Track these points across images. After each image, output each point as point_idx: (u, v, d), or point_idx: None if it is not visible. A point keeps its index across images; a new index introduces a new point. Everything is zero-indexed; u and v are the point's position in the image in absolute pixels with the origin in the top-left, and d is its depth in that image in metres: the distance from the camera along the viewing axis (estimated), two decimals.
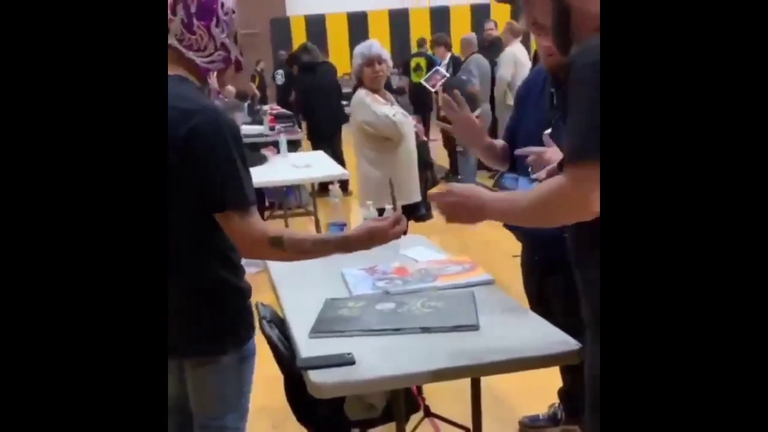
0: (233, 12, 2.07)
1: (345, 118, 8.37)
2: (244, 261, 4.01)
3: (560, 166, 1.73)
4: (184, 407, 2.26)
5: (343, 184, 7.81)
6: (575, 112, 1.63)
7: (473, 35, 9.48)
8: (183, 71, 2.03)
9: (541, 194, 1.72)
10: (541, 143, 2.30)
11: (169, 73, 1.98)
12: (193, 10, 1.98)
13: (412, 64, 11.06)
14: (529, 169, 2.27)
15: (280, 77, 13.07)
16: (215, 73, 2.10)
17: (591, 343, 1.84)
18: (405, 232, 2.19)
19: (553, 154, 2.17)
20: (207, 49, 2.03)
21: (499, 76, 8.16)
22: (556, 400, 3.25)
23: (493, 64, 8.56)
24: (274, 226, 2.11)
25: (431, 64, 10.10)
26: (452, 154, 9.08)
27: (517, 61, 8.11)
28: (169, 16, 1.98)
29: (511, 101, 8.00)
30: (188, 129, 1.90)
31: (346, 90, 10.69)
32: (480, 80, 8.46)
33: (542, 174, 2.06)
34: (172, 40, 2.00)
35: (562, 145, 2.00)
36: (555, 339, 2.14)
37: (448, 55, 9.34)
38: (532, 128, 2.58)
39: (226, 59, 2.08)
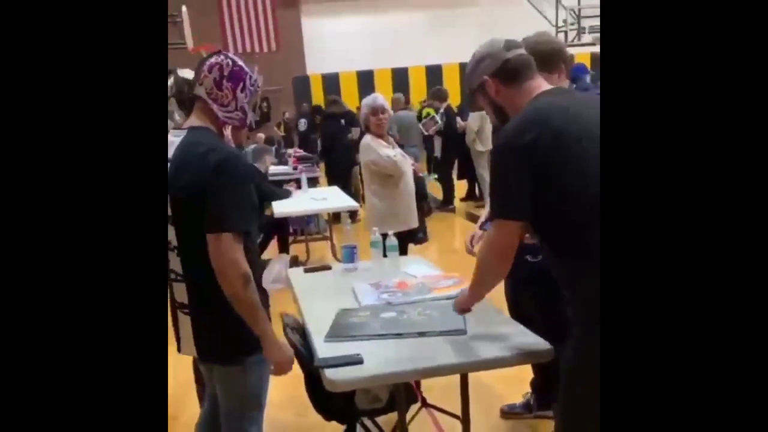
0: (258, 87, 2.13)
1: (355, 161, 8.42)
2: (272, 278, 3.97)
3: (489, 219, 1.95)
4: (215, 402, 2.27)
5: (352, 214, 7.85)
6: (491, 183, 1.85)
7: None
8: (206, 120, 2.07)
9: (484, 243, 1.93)
10: None
11: (196, 122, 2.08)
12: (225, 73, 2.04)
13: (423, 113, 11.06)
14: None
15: (302, 125, 13.10)
16: (230, 128, 2.13)
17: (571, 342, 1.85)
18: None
19: None
20: (229, 106, 2.07)
21: (468, 126, 8.29)
22: (529, 390, 3.23)
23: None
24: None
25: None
26: (445, 188, 9.08)
27: (482, 114, 8.12)
28: (205, 73, 2.04)
29: (479, 147, 8.10)
30: (211, 164, 1.93)
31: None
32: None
33: None
34: (201, 93, 2.06)
35: None
36: (530, 341, 2.14)
37: (443, 105, 9.36)
38: None
39: (242, 120, 2.12)
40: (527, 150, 1.70)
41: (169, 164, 2.00)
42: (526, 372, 2.99)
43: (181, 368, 2.59)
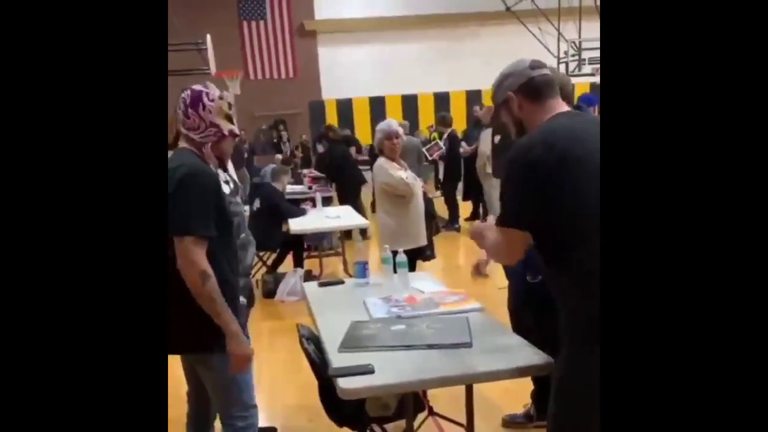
0: (220, 98, 2.25)
1: (363, 180, 8.47)
2: (287, 291, 3.96)
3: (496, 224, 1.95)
4: (199, 397, 2.35)
5: (363, 231, 7.88)
6: (501, 193, 1.88)
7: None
8: (188, 145, 2.23)
9: (494, 240, 1.97)
10: None
11: (181, 144, 2.24)
12: (187, 102, 2.21)
13: (431, 137, 11.08)
14: None
15: (321, 147, 13.15)
16: (209, 145, 2.25)
17: (561, 356, 1.87)
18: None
19: None
20: (200, 128, 2.21)
21: (480, 150, 8.15)
22: (530, 401, 3.23)
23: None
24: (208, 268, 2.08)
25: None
26: (450, 208, 9.10)
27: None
28: (177, 110, 2.22)
29: (489, 170, 8.03)
30: (175, 178, 2.06)
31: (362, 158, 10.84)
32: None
33: None
34: (182, 129, 2.23)
35: None
36: (531, 354, 2.15)
37: (448, 130, 9.39)
38: None
39: (217, 133, 2.25)
40: (531, 167, 1.74)
41: None
42: (527, 384, 2.99)
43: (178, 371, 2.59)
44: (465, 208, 9.35)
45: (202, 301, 2.06)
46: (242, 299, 2.46)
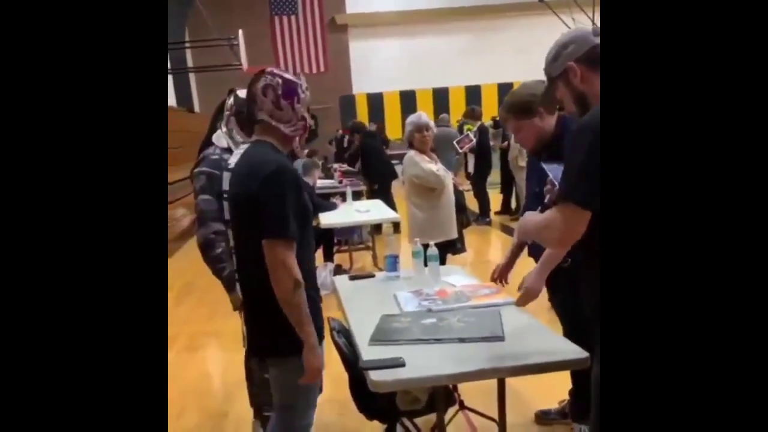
0: (308, 89, 2.15)
1: (395, 174, 8.43)
2: (318, 284, 4.01)
3: (553, 203, 1.75)
4: (267, 395, 2.30)
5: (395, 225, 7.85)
6: (566, 165, 1.69)
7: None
8: (269, 136, 2.10)
9: (543, 219, 1.75)
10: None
11: (260, 137, 2.12)
12: (279, 92, 2.06)
13: (464, 128, 11.02)
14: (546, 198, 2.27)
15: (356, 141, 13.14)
16: (297, 138, 2.16)
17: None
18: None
19: None
20: (291, 121, 2.10)
21: (513, 143, 8.05)
22: (565, 397, 3.18)
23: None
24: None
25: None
26: (480, 201, 9.03)
27: None
28: (261, 98, 2.07)
29: (522, 163, 7.94)
30: (262, 175, 1.97)
31: (398, 152, 10.79)
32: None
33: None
34: (265, 117, 2.08)
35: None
36: (565, 348, 2.11)
37: (478, 123, 9.32)
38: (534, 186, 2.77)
39: (304, 127, 2.15)
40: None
41: (230, 173, 2.11)
42: (561, 379, 2.95)
43: (232, 367, 2.62)
44: (495, 202, 9.28)
45: (291, 309, 1.98)
46: None
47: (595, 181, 1.53)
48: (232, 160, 2.14)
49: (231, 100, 2.79)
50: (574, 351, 2.07)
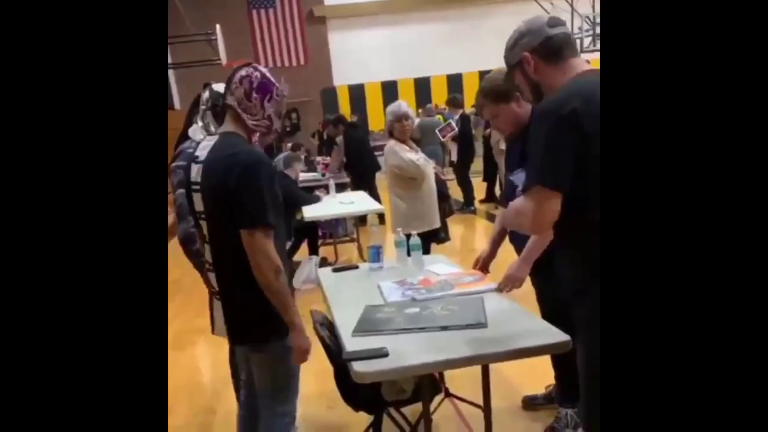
0: (284, 96, 2.20)
1: (378, 167, 8.43)
2: (303, 279, 4.00)
3: (523, 190, 1.76)
4: (252, 383, 2.34)
5: (381, 216, 7.84)
6: (530, 151, 1.72)
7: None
8: (237, 127, 2.15)
9: (517, 206, 1.76)
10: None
11: (228, 128, 2.17)
12: (254, 85, 2.12)
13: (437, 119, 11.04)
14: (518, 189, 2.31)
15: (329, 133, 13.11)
16: (258, 134, 2.21)
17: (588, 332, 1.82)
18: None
19: None
20: (257, 115, 2.15)
21: (496, 137, 8.08)
22: (552, 382, 3.20)
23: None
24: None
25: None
26: (464, 190, 9.05)
27: None
28: (236, 84, 2.12)
29: (503, 146, 7.95)
30: (239, 168, 2.01)
31: (381, 143, 10.75)
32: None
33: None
34: (232, 102, 2.13)
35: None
36: (547, 332, 2.12)
37: (460, 111, 9.32)
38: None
39: (268, 127, 2.19)
40: (570, 119, 1.59)
41: (201, 165, 2.14)
42: (548, 364, 2.97)
43: (219, 363, 2.62)
44: (479, 190, 9.31)
45: (274, 295, 2.05)
46: None
47: (560, 163, 1.60)
48: (201, 153, 2.15)
49: (207, 94, 2.78)
50: (556, 335, 2.09)
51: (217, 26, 11.18)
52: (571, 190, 1.62)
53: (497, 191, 9.17)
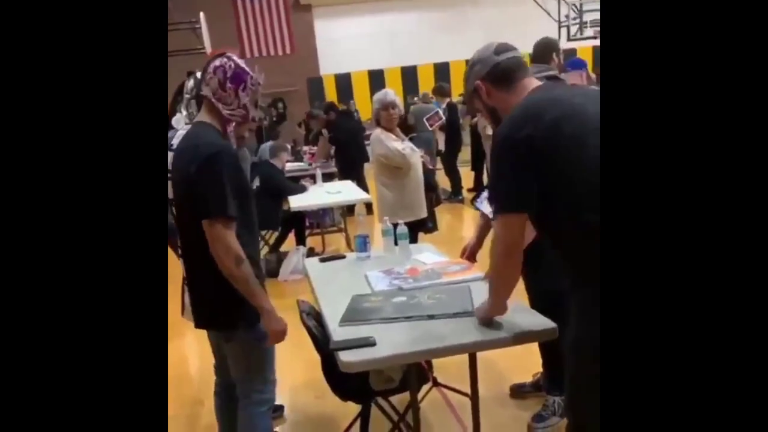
0: (259, 85, 2.21)
1: (366, 158, 8.43)
2: (290, 269, 4.00)
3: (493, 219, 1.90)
4: (225, 370, 2.38)
5: (368, 206, 7.83)
6: (492, 177, 1.87)
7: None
8: (212, 117, 2.17)
9: (493, 243, 1.89)
10: None
11: (203, 117, 2.19)
12: (228, 75, 2.14)
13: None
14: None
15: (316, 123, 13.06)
16: (234, 124, 2.24)
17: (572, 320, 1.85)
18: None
19: None
20: (232, 105, 2.16)
21: (482, 123, 8.03)
22: (539, 370, 3.22)
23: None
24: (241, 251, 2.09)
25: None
26: (452, 179, 9.06)
27: None
28: (210, 74, 2.14)
29: (490, 131, 7.93)
30: (200, 158, 2.03)
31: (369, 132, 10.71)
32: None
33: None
34: (207, 92, 2.15)
35: None
36: (534, 320, 2.13)
37: (447, 100, 9.31)
38: None
39: (243, 116, 2.21)
40: (525, 143, 1.70)
41: (173, 153, 2.16)
42: (536, 352, 2.99)
43: (207, 355, 2.61)
44: (467, 180, 9.32)
45: (237, 283, 2.08)
46: None
47: (521, 186, 1.73)
48: (175, 141, 2.18)
49: (191, 83, 2.77)
50: (542, 323, 2.10)
51: (201, 14, 11.08)
52: (544, 203, 1.73)
53: (485, 180, 9.20)
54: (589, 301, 1.65)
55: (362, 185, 7.50)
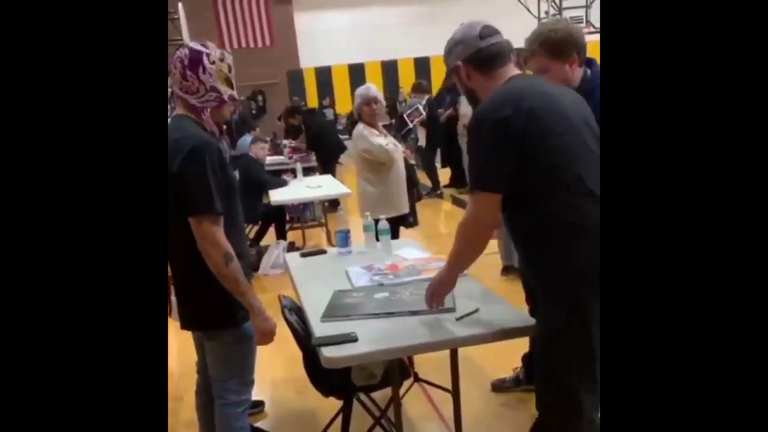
0: (221, 60, 2.11)
1: (343, 147, 8.46)
2: (271, 264, 3.98)
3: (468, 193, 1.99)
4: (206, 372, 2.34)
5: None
6: (470, 157, 1.88)
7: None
8: (185, 111, 2.13)
9: (462, 222, 1.92)
10: None
11: (179, 111, 2.13)
12: (186, 63, 2.07)
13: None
14: None
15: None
16: (209, 110, 2.14)
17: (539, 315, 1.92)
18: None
19: None
20: (199, 92, 2.10)
21: (461, 113, 8.07)
22: (518, 365, 3.26)
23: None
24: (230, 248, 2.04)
25: None
26: (430, 174, 9.08)
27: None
28: (173, 69, 2.09)
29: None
30: (182, 153, 1.97)
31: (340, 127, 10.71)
32: None
33: None
34: (175, 88, 2.11)
35: None
36: (514, 316, 2.16)
37: (426, 97, 9.30)
38: None
39: (217, 98, 2.13)
40: (505, 124, 1.74)
41: None
42: (517, 348, 3.01)
43: (186, 349, 2.60)
44: (444, 175, 9.34)
45: (226, 281, 2.03)
46: None
47: (497, 166, 1.77)
48: None
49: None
50: (523, 319, 2.13)
51: (179, 5, 10.98)
52: (515, 188, 1.78)
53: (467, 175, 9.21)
54: (540, 290, 1.84)
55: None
